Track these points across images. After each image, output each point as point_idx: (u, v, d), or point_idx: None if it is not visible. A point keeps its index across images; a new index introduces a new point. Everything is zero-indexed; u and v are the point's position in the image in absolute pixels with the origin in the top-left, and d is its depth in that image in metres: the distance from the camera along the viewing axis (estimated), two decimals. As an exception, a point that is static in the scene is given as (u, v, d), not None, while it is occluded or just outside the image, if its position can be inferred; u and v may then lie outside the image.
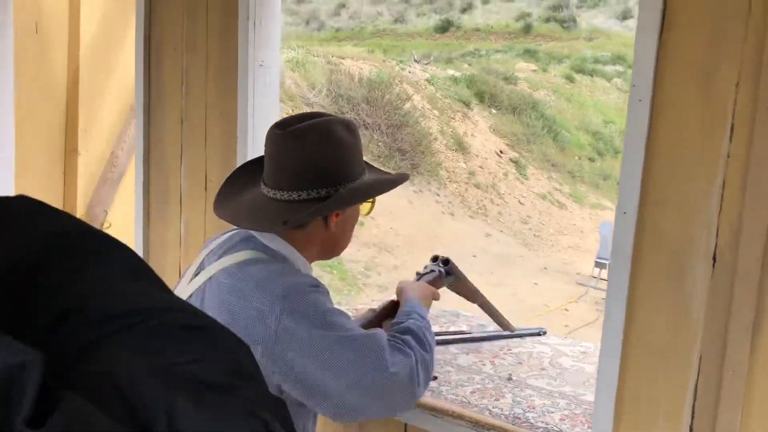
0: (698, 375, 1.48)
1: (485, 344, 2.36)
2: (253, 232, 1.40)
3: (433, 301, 1.71)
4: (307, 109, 11.44)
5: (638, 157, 1.49)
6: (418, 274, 1.81)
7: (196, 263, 1.46)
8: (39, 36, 3.40)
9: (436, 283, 1.75)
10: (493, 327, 2.54)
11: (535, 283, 10.44)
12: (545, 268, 11.35)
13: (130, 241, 2.71)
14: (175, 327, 0.48)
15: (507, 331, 2.33)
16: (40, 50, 3.43)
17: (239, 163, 2.12)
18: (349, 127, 1.42)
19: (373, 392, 1.29)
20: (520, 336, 2.45)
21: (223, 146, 2.22)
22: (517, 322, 2.50)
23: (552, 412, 1.87)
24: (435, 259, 1.86)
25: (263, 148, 1.47)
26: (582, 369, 2.18)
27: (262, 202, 1.41)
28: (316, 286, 1.34)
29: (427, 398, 1.91)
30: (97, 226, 3.72)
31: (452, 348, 2.30)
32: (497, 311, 2.24)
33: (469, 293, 2.03)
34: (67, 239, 0.50)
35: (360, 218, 1.60)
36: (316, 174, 1.37)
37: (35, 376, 0.36)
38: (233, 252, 1.38)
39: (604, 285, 10.11)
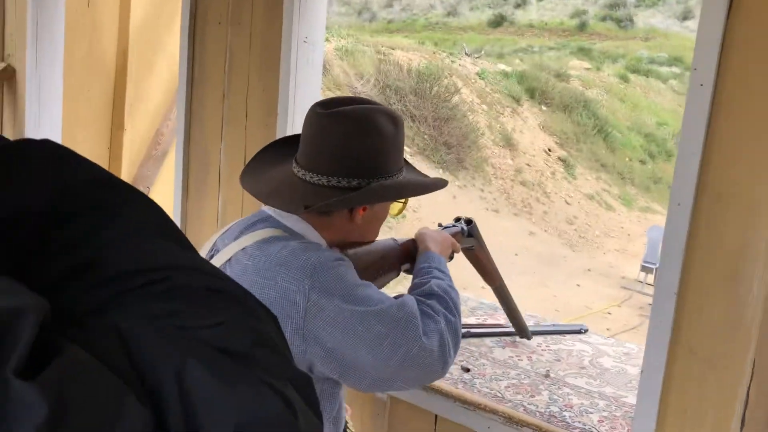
0: (750, 382, 1.38)
1: (523, 339, 2.28)
2: (272, 212, 1.35)
3: (453, 254, 1.60)
4: (354, 99, 11.42)
5: (696, 146, 1.39)
6: (440, 225, 1.72)
7: (207, 245, 1.42)
8: (90, 12, 3.43)
9: (456, 238, 1.64)
10: (532, 322, 2.46)
11: (578, 285, 10.24)
12: (589, 270, 11.13)
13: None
14: (196, 288, 0.45)
15: (521, 336, 2.20)
16: (91, 26, 3.46)
17: (278, 140, 2.09)
18: (394, 119, 1.36)
19: (406, 364, 1.23)
20: (560, 333, 2.36)
21: (264, 123, 2.19)
22: (556, 321, 2.40)
23: (590, 413, 1.78)
24: (458, 219, 1.76)
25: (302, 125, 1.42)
26: (624, 370, 2.08)
27: (290, 181, 1.36)
28: (341, 259, 1.29)
29: (460, 390, 1.85)
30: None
31: (488, 341, 2.22)
32: (515, 307, 2.07)
33: (487, 268, 1.85)
34: (91, 189, 0.46)
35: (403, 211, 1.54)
36: (350, 162, 1.31)
37: (32, 323, 0.34)
38: (251, 231, 1.33)
39: (649, 290, 9.88)
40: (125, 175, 3.75)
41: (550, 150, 15.07)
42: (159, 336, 0.40)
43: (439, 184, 1.46)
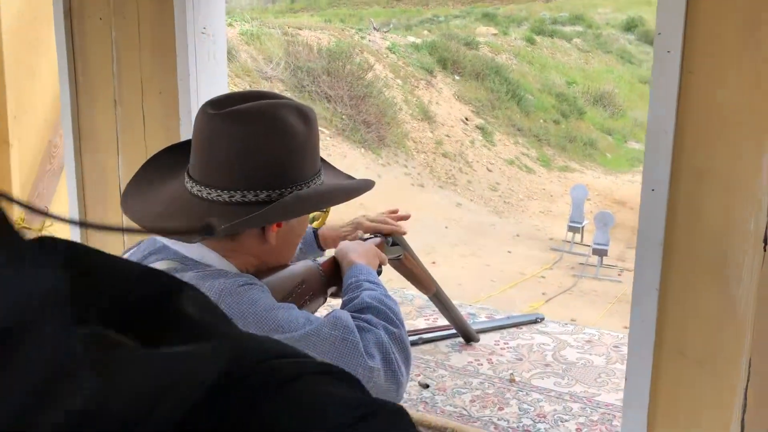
0: (747, 382, 1.24)
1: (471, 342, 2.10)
2: (166, 240, 1.11)
3: (381, 266, 1.40)
4: (265, 85, 10.99)
5: (668, 122, 1.22)
6: (360, 237, 1.52)
7: None
8: (-47, 14, 3.00)
9: (380, 248, 1.45)
10: (484, 315, 2.30)
11: (509, 252, 10.28)
12: (518, 235, 11.21)
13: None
14: (318, 374, 0.41)
15: (468, 341, 2.03)
16: (-45, 30, 3.03)
17: (184, 150, 1.81)
18: (304, 114, 1.14)
19: None
20: (516, 325, 2.20)
21: (165, 129, 1.90)
22: (492, 291, 2.24)
23: (566, 420, 1.62)
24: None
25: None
26: (590, 362, 1.94)
27: (183, 200, 1.13)
28: (250, 282, 1.08)
29: (422, 412, 1.65)
30: (37, 224, 3.37)
31: (442, 346, 2.04)
32: (457, 312, 1.87)
33: (419, 276, 1.63)
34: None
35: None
36: (255, 172, 1.10)
37: None
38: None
39: (578, 249, 10.02)
40: (18, 195, 3.35)
41: (467, 119, 15.10)
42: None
43: (365, 187, 1.26)
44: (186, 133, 1.87)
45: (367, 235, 1.51)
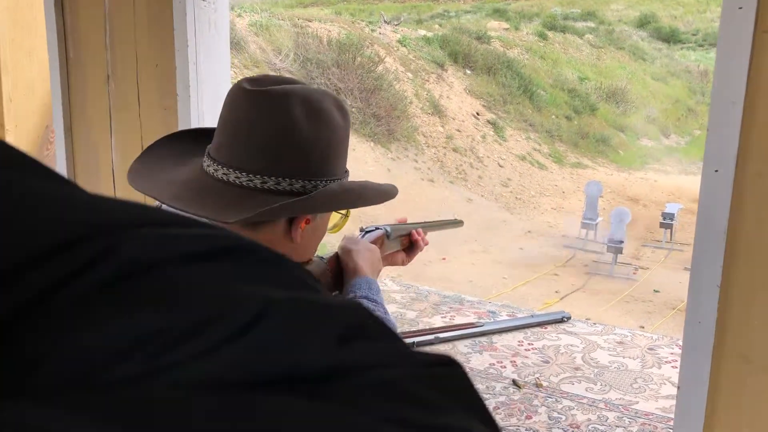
0: (825, 392, 1.07)
1: (498, 337, 1.94)
2: None
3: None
4: (274, 76, 10.85)
5: (736, 91, 1.04)
6: (361, 230, 1.40)
7: None
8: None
9: (380, 241, 1.35)
10: (505, 313, 2.13)
11: (521, 248, 10.11)
12: (529, 231, 11.04)
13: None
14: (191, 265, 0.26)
15: (456, 225, 1.80)
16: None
17: (181, 127, 1.66)
18: (342, 108, 1.08)
19: None
20: (540, 324, 2.04)
21: (161, 106, 1.74)
22: (504, 289, 2.09)
23: (601, 432, 1.46)
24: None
25: (215, 108, 1.04)
26: (623, 366, 1.77)
27: (203, 184, 1.02)
28: None
29: (440, 421, 1.49)
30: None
31: (461, 345, 1.88)
32: (439, 222, 1.72)
33: (414, 242, 1.48)
34: None
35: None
36: (295, 157, 1.01)
37: None
38: None
39: (591, 247, 9.83)
40: (13, 182, 3.21)
41: (478, 114, 14.94)
42: None
43: (394, 192, 1.20)
44: (184, 111, 1.71)
45: (370, 227, 1.41)
